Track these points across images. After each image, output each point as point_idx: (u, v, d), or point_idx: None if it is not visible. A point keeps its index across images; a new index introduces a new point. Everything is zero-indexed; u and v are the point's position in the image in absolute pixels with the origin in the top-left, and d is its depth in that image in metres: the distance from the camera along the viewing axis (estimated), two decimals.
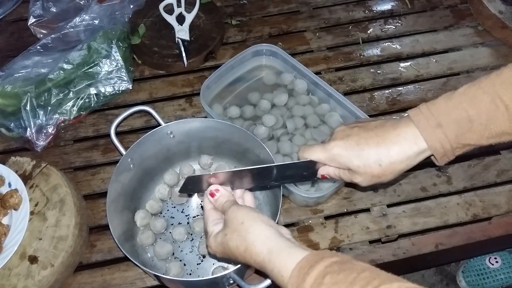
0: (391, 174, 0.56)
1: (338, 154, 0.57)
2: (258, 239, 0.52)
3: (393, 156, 0.54)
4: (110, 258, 0.80)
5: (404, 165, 0.55)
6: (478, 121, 0.52)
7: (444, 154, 0.54)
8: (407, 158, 0.54)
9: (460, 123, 0.52)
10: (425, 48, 1.04)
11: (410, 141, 0.54)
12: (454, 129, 0.52)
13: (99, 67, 0.93)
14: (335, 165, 0.59)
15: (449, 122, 0.52)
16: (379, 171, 0.55)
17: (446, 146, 0.53)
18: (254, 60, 0.96)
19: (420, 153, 0.55)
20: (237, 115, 0.91)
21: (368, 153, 0.55)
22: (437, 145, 0.53)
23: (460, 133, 0.52)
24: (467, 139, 0.53)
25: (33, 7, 1.02)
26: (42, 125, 0.89)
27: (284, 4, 1.13)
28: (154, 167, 0.84)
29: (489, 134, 0.52)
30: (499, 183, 0.86)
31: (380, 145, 0.55)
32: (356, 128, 0.58)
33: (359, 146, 0.56)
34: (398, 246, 0.80)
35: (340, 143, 0.57)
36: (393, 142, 0.54)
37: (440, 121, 0.53)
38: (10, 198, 0.77)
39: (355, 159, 0.56)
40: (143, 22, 1.04)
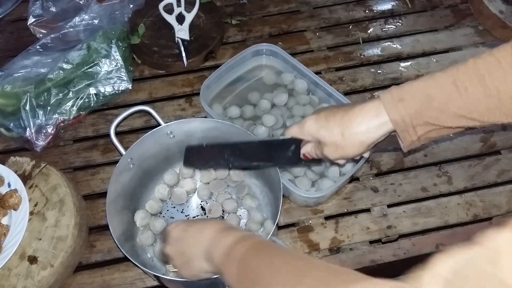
0: (353, 145, 0.59)
1: (309, 126, 0.62)
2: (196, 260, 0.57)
3: (354, 126, 0.58)
4: (109, 259, 0.80)
5: (364, 137, 0.58)
6: (438, 100, 0.54)
7: (404, 128, 0.56)
8: (367, 129, 0.57)
9: (421, 100, 0.55)
10: (425, 48, 1.04)
11: (372, 113, 0.57)
12: (415, 105, 0.55)
13: (98, 67, 0.93)
14: (308, 138, 0.64)
15: (411, 97, 0.55)
16: (341, 141, 0.59)
17: (406, 120, 0.55)
18: (254, 60, 0.96)
19: (381, 125, 0.57)
20: (237, 115, 0.91)
21: (334, 124, 0.59)
22: (397, 117, 0.56)
23: (421, 109, 0.55)
24: (426, 116, 0.55)
25: (33, 7, 1.01)
26: (42, 125, 0.89)
27: (284, 3, 1.13)
28: (154, 167, 0.83)
29: (447, 114, 0.54)
30: (500, 183, 0.86)
31: (344, 117, 0.59)
32: (331, 106, 0.63)
33: (327, 119, 0.60)
34: (399, 246, 0.80)
35: (312, 117, 0.63)
36: (356, 114, 0.58)
37: (402, 96, 0.56)
38: (10, 198, 0.77)
39: (322, 130, 0.60)
40: (143, 22, 1.04)
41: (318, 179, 0.83)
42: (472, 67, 0.53)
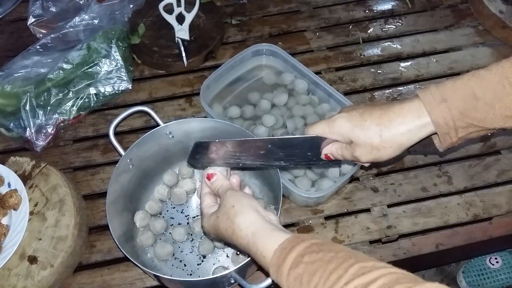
0: (390, 147, 0.55)
1: (340, 125, 0.58)
2: (244, 223, 0.55)
3: (394, 127, 0.54)
4: (109, 259, 0.80)
5: (405, 138, 0.55)
6: (484, 100, 0.51)
7: (446, 131, 0.53)
8: (408, 130, 0.54)
9: (465, 100, 0.52)
10: (425, 47, 1.04)
11: (413, 114, 0.54)
12: (459, 105, 0.52)
13: (98, 67, 0.93)
14: (338, 138, 0.59)
15: (454, 97, 0.52)
16: (379, 142, 0.55)
17: (449, 122, 0.53)
18: (254, 60, 0.96)
19: (422, 127, 0.54)
20: (238, 115, 0.91)
21: (370, 123, 0.55)
22: (441, 119, 0.53)
23: (465, 109, 0.52)
24: (471, 118, 0.52)
25: (33, 7, 1.01)
26: (42, 125, 0.89)
27: (284, 3, 1.13)
28: (153, 168, 0.83)
29: (493, 114, 0.52)
30: (500, 183, 0.86)
31: (382, 117, 0.55)
32: (363, 104, 0.59)
33: (362, 117, 0.56)
34: (399, 246, 0.80)
35: (344, 114, 0.58)
36: (396, 114, 0.54)
37: (445, 97, 0.52)
38: (10, 198, 0.77)
39: (357, 129, 0.56)
40: (143, 22, 1.04)
41: (318, 179, 0.83)
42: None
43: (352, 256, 0.46)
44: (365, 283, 0.41)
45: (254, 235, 0.53)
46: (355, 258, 0.45)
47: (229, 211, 0.57)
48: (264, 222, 0.55)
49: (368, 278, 0.42)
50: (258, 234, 0.53)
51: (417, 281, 0.40)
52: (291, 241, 0.50)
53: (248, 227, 0.54)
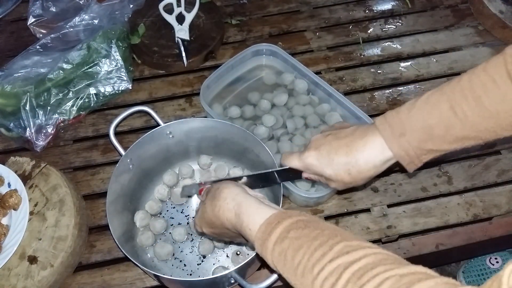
0: (361, 180, 0.59)
1: (311, 163, 0.61)
2: (229, 196, 0.56)
3: (361, 165, 0.58)
4: (109, 259, 0.80)
5: (372, 173, 0.58)
6: (439, 128, 0.54)
7: (410, 161, 0.57)
8: (374, 166, 0.58)
9: (422, 131, 0.55)
10: (425, 47, 1.04)
11: (376, 150, 0.57)
12: (416, 137, 0.55)
13: (98, 67, 0.93)
14: (311, 173, 0.63)
15: (411, 130, 0.55)
16: (349, 179, 0.59)
17: (411, 153, 0.56)
18: (254, 60, 0.96)
19: (387, 161, 0.58)
20: (238, 115, 0.91)
21: (338, 163, 0.58)
22: (402, 153, 0.56)
23: (422, 140, 0.55)
24: (429, 146, 0.55)
25: (33, 7, 1.01)
26: (42, 125, 0.89)
27: (284, 3, 1.13)
28: (154, 168, 0.83)
29: (449, 140, 0.55)
30: (500, 183, 0.86)
31: (348, 155, 0.58)
32: (330, 136, 0.61)
33: (330, 156, 0.59)
34: (399, 246, 0.80)
35: (313, 153, 0.61)
36: (360, 152, 0.57)
37: (403, 130, 0.55)
38: (10, 198, 0.77)
39: (326, 168, 0.59)
40: (143, 22, 1.04)
41: None
42: (467, 87, 0.53)
43: (338, 234, 0.47)
44: (349, 261, 0.42)
45: (240, 206, 0.55)
46: (340, 236, 0.46)
47: (215, 192, 0.59)
48: (250, 196, 0.56)
49: (352, 257, 0.43)
50: (244, 206, 0.54)
51: (401, 263, 0.41)
52: (278, 216, 0.51)
53: (234, 198, 0.56)
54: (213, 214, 0.58)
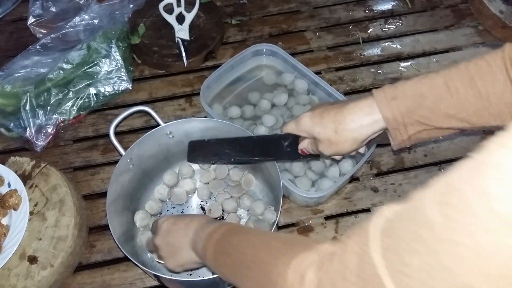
0: (346, 141, 0.60)
1: (304, 122, 0.63)
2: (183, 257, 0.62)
3: (347, 123, 0.59)
4: (109, 259, 0.80)
5: (357, 134, 0.59)
6: (429, 99, 0.55)
7: (396, 127, 0.57)
8: (360, 126, 0.58)
9: (414, 98, 0.56)
10: (425, 47, 1.04)
11: (365, 111, 0.58)
12: (407, 103, 0.56)
13: (98, 67, 0.93)
14: (304, 134, 0.65)
15: (403, 96, 0.56)
16: (335, 138, 0.60)
17: (398, 118, 0.56)
18: (254, 60, 0.96)
19: (374, 123, 0.58)
20: (238, 115, 0.91)
21: (327, 121, 0.60)
22: (390, 115, 0.57)
23: (413, 107, 0.56)
24: (417, 115, 0.56)
25: (33, 7, 1.01)
26: (42, 125, 0.89)
27: (284, 3, 1.13)
28: (154, 168, 0.83)
29: (438, 113, 0.55)
30: None
31: (337, 114, 0.60)
32: (326, 103, 0.64)
33: (321, 115, 0.61)
34: None
35: (308, 113, 0.64)
36: (349, 112, 0.59)
37: (396, 95, 0.57)
38: (10, 198, 0.77)
39: (317, 127, 0.61)
40: (143, 22, 1.04)
41: (318, 179, 0.83)
42: (463, 69, 0.55)
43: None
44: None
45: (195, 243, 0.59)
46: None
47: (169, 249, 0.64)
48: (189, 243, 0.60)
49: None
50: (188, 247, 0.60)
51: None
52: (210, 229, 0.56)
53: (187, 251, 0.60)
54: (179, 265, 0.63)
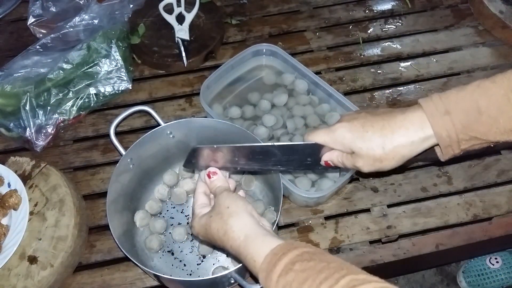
0: (393, 159, 0.55)
1: (342, 135, 0.56)
2: (237, 225, 0.54)
3: (397, 139, 0.53)
4: (109, 259, 0.80)
5: (407, 150, 0.54)
6: (488, 113, 0.50)
7: (449, 144, 0.53)
8: (411, 143, 0.53)
9: (469, 113, 0.51)
10: (425, 48, 1.04)
11: (416, 125, 0.53)
12: (462, 118, 0.51)
13: (98, 67, 0.93)
14: (339, 147, 0.58)
15: (458, 110, 0.51)
16: (381, 154, 0.54)
17: (452, 135, 0.52)
18: (254, 60, 0.96)
19: (425, 140, 0.53)
20: (238, 116, 0.91)
21: (373, 135, 0.54)
22: (443, 132, 0.52)
23: (468, 123, 0.51)
24: (474, 131, 0.51)
25: (33, 7, 1.01)
26: (42, 125, 0.89)
27: (284, 3, 1.13)
28: (154, 167, 0.83)
29: (497, 128, 0.51)
30: (500, 183, 0.86)
31: (385, 128, 0.54)
32: (364, 112, 0.57)
33: (364, 128, 0.55)
34: (399, 246, 0.80)
35: (345, 124, 0.57)
36: (398, 126, 0.53)
37: (449, 109, 0.51)
38: (10, 198, 0.77)
39: (358, 140, 0.55)
40: (143, 22, 1.04)
41: (318, 179, 0.83)
42: None
43: (344, 267, 0.45)
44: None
45: (246, 238, 0.53)
46: (347, 270, 0.44)
47: (224, 211, 0.57)
48: (257, 226, 0.54)
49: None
50: (250, 238, 0.53)
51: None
52: (283, 247, 0.50)
53: (241, 229, 0.54)
54: (218, 236, 0.56)
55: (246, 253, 0.52)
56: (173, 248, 0.80)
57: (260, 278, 0.50)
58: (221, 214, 0.57)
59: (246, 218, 0.55)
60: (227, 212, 0.56)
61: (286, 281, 0.46)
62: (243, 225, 0.54)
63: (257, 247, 0.51)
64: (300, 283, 0.45)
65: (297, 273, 0.46)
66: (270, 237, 0.52)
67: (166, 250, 0.80)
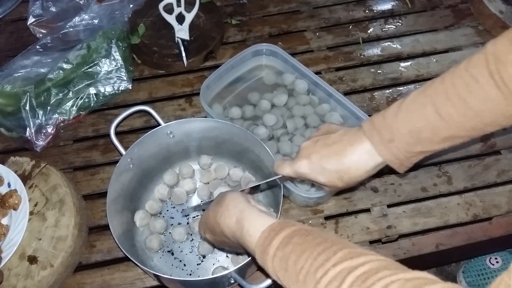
0: (354, 184, 0.61)
1: (303, 173, 0.61)
2: (232, 203, 0.57)
3: (352, 172, 0.59)
4: (109, 258, 0.80)
5: (364, 177, 0.60)
6: (425, 132, 0.55)
7: (400, 164, 0.58)
8: (365, 171, 0.59)
9: (409, 135, 0.56)
10: (425, 47, 1.04)
11: (365, 157, 0.58)
12: (405, 141, 0.56)
13: (98, 66, 0.93)
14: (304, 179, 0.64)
15: (399, 135, 0.56)
16: (342, 184, 0.60)
17: (401, 157, 0.57)
18: (254, 60, 0.96)
19: (378, 166, 0.59)
20: (239, 116, 0.91)
21: (330, 170, 0.59)
22: (392, 158, 0.57)
23: (411, 144, 0.56)
24: (418, 148, 0.56)
25: (33, 7, 1.01)
26: (42, 125, 0.89)
27: (284, 3, 1.13)
28: (154, 167, 0.83)
29: (437, 141, 0.56)
30: (500, 183, 0.86)
31: (339, 163, 0.59)
32: (319, 143, 0.61)
33: (321, 165, 0.60)
34: (399, 246, 0.80)
35: (305, 162, 0.61)
36: (350, 159, 0.59)
37: (391, 136, 0.56)
38: (10, 198, 0.77)
39: (319, 176, 0.60)
40: (143, 22, 1.04)
41: None
42: (451, 89, 0.53)
43: (341, 242, 0.47)
44: (352, 266, 0.42)
45: (241, 212, 0.55)
46: (344, 244, 0.46)
47: (220, 200, 0.60)
48: (252, 206, 0.56)
49: (355, 262, 0.43)
50: (246, 212, 0.55)
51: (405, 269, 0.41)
52: (281, 223, 0.51)
53: (236, 205, 0.56)
54: (215, 221, 0.58)
55: (242, 228, 0.54)
56: (173, 248, 0.80)
57: (256, 254, 0.51)
58: (217, 203, 0.60)
59: (241, 198, 0.58)
60: (222, 199, 0.59)
61: (283, 254, 0.48)
62: (238, 202, 0.57)
63: (253, 223, 0.53)
64: (298, 255, 0.47)
65: (295, 245, 0.48)
66: (266, 214, 0.54)
67: (166, 250, 0.80)
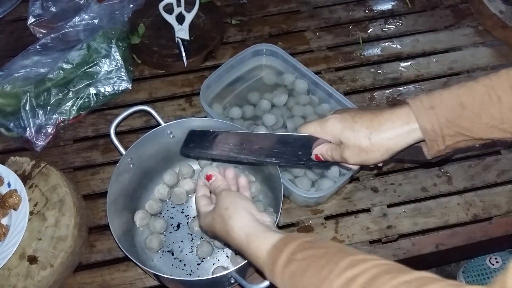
0: (378, 150, 0.57)
1: (332, 125, 0.59)
2: (237, 225, 0.56)
3: (383, 131, 0.56)
4: (109, 258, 0.80)
5: (392, 143, 0.56)
6: (470, 109, 0.53)
7: (433, 138, 0.55)
8: (396, 135, 0.56)
9: (453, 108, 0.54)
10: (425, 47, 1.04)
11: (402, 119, 0.56)
12: (446, 113, 0.54)
13: (98, 66, 0.93)
14: (329, 138, 0.61)
15: (442, 105, 0.54)
16: (367, 145, 0.57)
17: (437, 129, 0.55)
18: (254, 60, 0.96)
19: (410, 132, 0.56)
20: (239, 116, 0.91)
21: (361, 126, 0.57)
22: (428, 126, 0.54)
23: (452, 117, 0.54)
24: (458, 126, 0.54)
25: (33, 7, 1.01)
26: (42, 125, 0.89)
27: (284, 3, 1.13)
28: (154, 167, 0.83)
29: (479, 124, 0.53)
30: (500, 183, 0.86)
31: (373, 120, 0.57)
32: (356, 108, 0.61)
33: (353, 119, 0.58)
34: (399, 246, 0.80)
35: (336, 116, 0.60)
36: (385, 119, 0.56)
37: (433, 104, 0.54)
38: (10, 198, 0.77)
39: (347, 130, 0.58)
40: (143, 22, 1.04)
41: (318, 179, 0.83)
42: (505, 76, 0.52)
43: (343, 250, 0.47)
44: (355, 274, 0.42)
45: (247, 237, 0.54)
46: (345, 252, 0.46)
47: (223, 212, 0.58)
48: (257, 224, 0.56)
49: (358, 269, 0.43)
50: (251, 236, 0.54)
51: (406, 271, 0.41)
52: (283, 240, 0.51)
53: (241, 228, 0.55)
54: (222, 236, 0.58)
55: (249, 252, 0.54)
56: (173, 248, 0.80)
57: (266, 273, 0.52)
58: (221, 216, 0.58)
59: (245, 218, 0.56)
60: (226, 214, 0.58)
61: (290, 271, 0.48)
62: (243, 225, 0.56)
63: (259, 245, 0.53)
64: (303, 271, 0.47)
65: (298, 262, 0.48)
66: (270, 232, 0.54)
67: (166, 250, 0.80)
